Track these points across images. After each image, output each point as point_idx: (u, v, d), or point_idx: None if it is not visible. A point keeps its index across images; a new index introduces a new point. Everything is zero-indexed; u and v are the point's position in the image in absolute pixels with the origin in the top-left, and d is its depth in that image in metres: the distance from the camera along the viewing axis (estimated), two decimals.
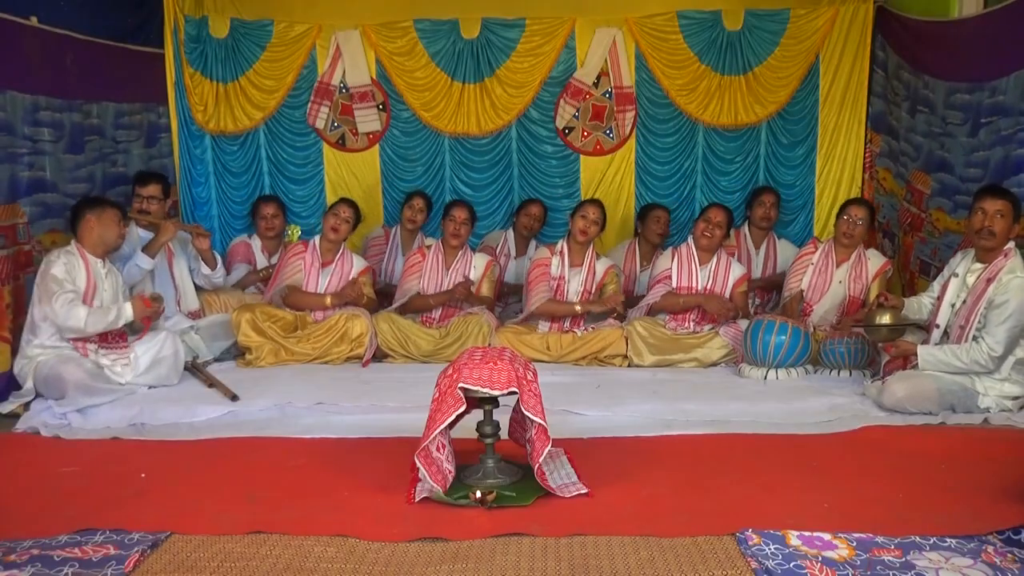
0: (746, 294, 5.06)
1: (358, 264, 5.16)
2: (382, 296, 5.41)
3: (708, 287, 4.92)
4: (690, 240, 5.02)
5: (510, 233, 5.86)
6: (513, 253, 5.79)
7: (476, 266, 5.15)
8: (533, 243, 5.83)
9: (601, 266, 5.07)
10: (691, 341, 4.83)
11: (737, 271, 5.01)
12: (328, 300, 4.98)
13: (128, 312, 4.14)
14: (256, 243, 5.62)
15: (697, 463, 3.24)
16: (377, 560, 2.45)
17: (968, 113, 4.56)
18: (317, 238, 5.13)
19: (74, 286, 4.06)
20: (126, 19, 5.46)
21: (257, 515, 2.75)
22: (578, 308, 4.92)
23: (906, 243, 5.27)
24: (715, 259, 4.96)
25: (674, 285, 4.95)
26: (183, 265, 4.99)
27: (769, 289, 5.50)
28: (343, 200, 5.26)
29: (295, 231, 5.67)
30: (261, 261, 5.58)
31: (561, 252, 5.02)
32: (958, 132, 4.64)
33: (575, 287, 4.98)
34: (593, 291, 5.02)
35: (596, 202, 5.16)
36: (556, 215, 5.91)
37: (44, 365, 3.98)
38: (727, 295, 4.93)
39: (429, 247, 5.21)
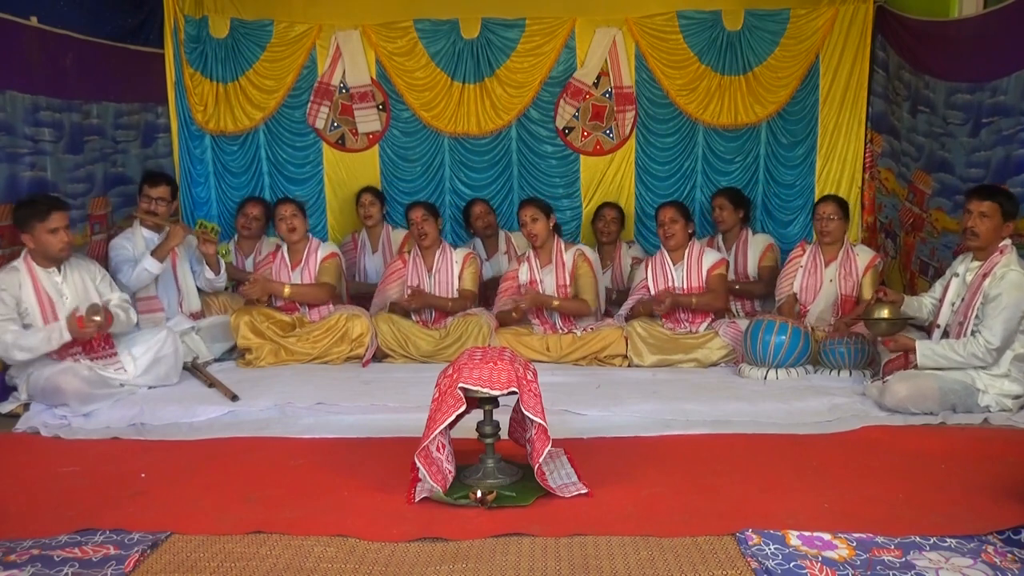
0: (723, 276, 4.94)
1: (324, 250, 5.11)
2: (361, 298, 5.42)
3: (687, 284, 4.88)
4: (661, 247, 5.02)
5: (477, 240, 5.88)
6: (484, 256, 5.81)
7: (456, 261, 5.13)
8: (502, 235, 5.84)
9: (569, 256, 5.02)
10: (691, 341, 4.83)
11: (711, 257, 4.95)
12: (286, 291, 4.92)
13: (65, 334, 3.87)
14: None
15: (697, 463, 3.23)
16: (377, 560, 2.45)
17: (969, 113, 4.56)
18: (285, 247, 5.10)
19: (8, 311, 3.85)
20: (126, 19, 5.46)
21: (257, 515, 2.75)
22: (509, 306, 4.92)
23: (907, 243, 5.27)
24: (687, 253, 4.94)
25: (653, 292, 4.94)
26: (186, 266, 4.99)
27: (750, 297, 5.41)
28: (280, 200, 5.21)
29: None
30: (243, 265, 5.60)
31: (528, 258, 5.04)
32: (959, 132, 4.64)
33: (550, 284, 4.98)
34: (569, 282, 4.98)
35: (528, 201, 5.08)
36: (556, 215, 5.87)
37: (39, 377, 3.91)
38: (703, 281, 4.88)
39: (409, 252, 5.19)
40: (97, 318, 3.91)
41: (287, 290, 4.94)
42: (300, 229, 5.02)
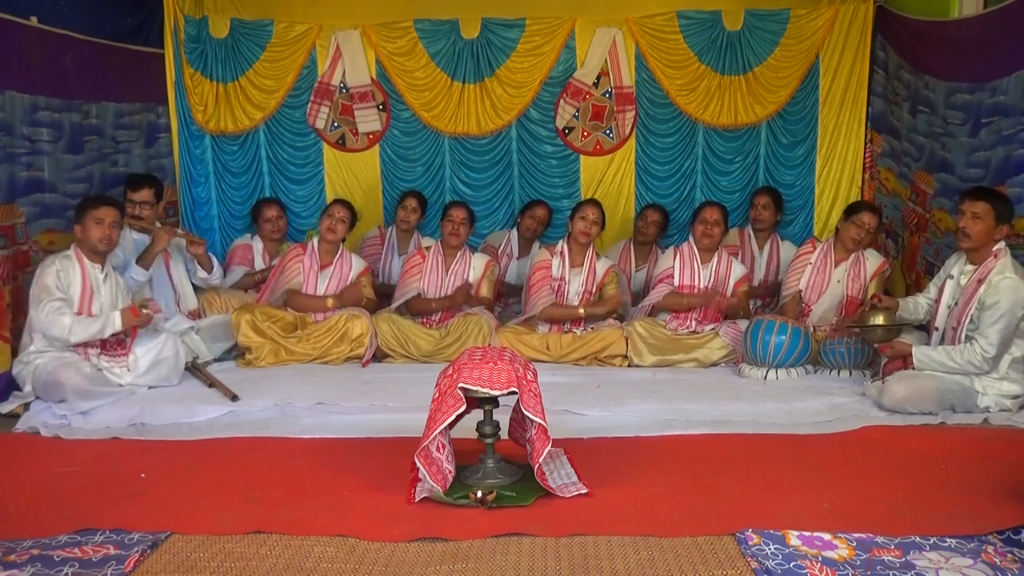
0: (748, 293, 5.05)
1: (357, 264, 5.17)
2: (380, 296, 5.40)
3: (710, 286, 4.92)
4: (691, 240, 5.03)
5: (513, 234, 5.86)
6: (516, 254, 5.80)
7: (475, 267, 5.15)
8: (536, 244, 5.83)
9: (601, 266, 5.07)
10: (691, 341, 4.83)
11: (738, 271, 5.02)
12: (329, 302, 4.99)
13: (116, 322, 4.04)
14: (257, 245, 5.62)
15: (697, 463, 3.23)
16: (377, 560, 2.45)
17: (969, 113, 4.56)
18: (315, 240, 5.13)
19: (65, 294, 4.01)
20: (126, 19, 5.46)
21: (257, 515, 2.75)
22: (581, 311, 4.92)
23: (912, 243, 5.26)
24: (716, 258, 4.97)
25: (676, 284, 4.96)
26: (180, 266, 4.98)
27: (773, 295, 5.47)
28: (338, 201, 5.27)
29: (312, 236, 5.55)
30: (260, 264, 5.57)
31: (561, 253, 5.03)
32: (959, 132, 4.64)
33: (576, 288, 4.98)
34: (594, 291, 5.02)
35: (595, 202, 5.17)
36: (556, 215, 5.92)
37: (43, 370, 3.95)
38: (728, 294, 4.94)
39: (428, 248, 5.21)
40: (147, 310, 4.13)
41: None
42: (340, 233, 5.06)
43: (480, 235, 6.01)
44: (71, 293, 4.06)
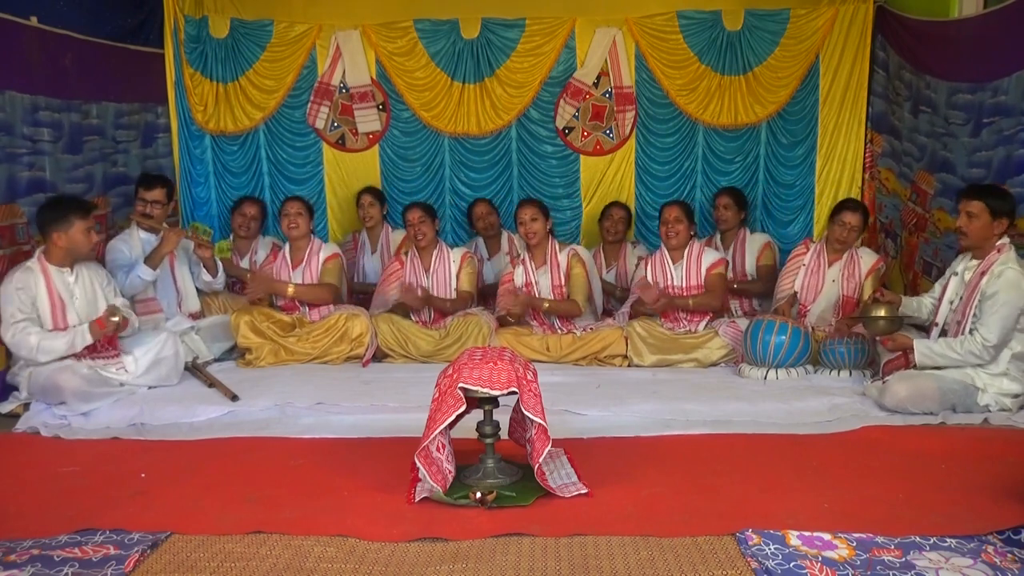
0: (722, 276, 4.94)
1: (326, 251, 5.10)
2: (352, 293, 5.43)
3: (686, 283, 4.89)
4: (662, 246, 5.02)
5: (479, 240, 5.87)
6: (486, 256, 5.81)
7: (454, 261, 5.13)
8: (504, 235, 5.82)
9: (563, 257, 5.03)
10: (691, 341, 4.83)
11: (710, 257, 4.95)
12: (290, 290, 4.94)
13: (87, 336, 3.96)
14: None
15: (697, 463, 3.23)
16: (377, 560, 2.45)
17: (970, 113, 4.56)
18: (287, 247, 5.10)
19: (29, 312, 3.89)
20: (126, 19, 5.46)
21: (257, 515, 2.75)
22: (502, 313, 4.96)
23: (911, 243, 5.27)
24: (687, 253, 4.95)
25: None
26: (185, 268, 4.98)
27: (748, 296, 5.42)
28: (288, 198, 5.21)
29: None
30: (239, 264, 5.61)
31: (524, 261, 5.05)
32: (960, 132, 4.64)
33: (545, 285, 4.99)
34: (564, 283, 4.99)
35: (529, 201, 5.11)
36: (555, 214, 5.87)
37: (39, 374, 3.93)
38: (702, 282, 4.89)
39: (406, 253, 5.19)
40: (115, 318, 4.01)
41: (291, 289, 4.94)
42: (302, 227, 5.01)
43: (463, 242, 6.01)
44: (38, 308, 3.95)
